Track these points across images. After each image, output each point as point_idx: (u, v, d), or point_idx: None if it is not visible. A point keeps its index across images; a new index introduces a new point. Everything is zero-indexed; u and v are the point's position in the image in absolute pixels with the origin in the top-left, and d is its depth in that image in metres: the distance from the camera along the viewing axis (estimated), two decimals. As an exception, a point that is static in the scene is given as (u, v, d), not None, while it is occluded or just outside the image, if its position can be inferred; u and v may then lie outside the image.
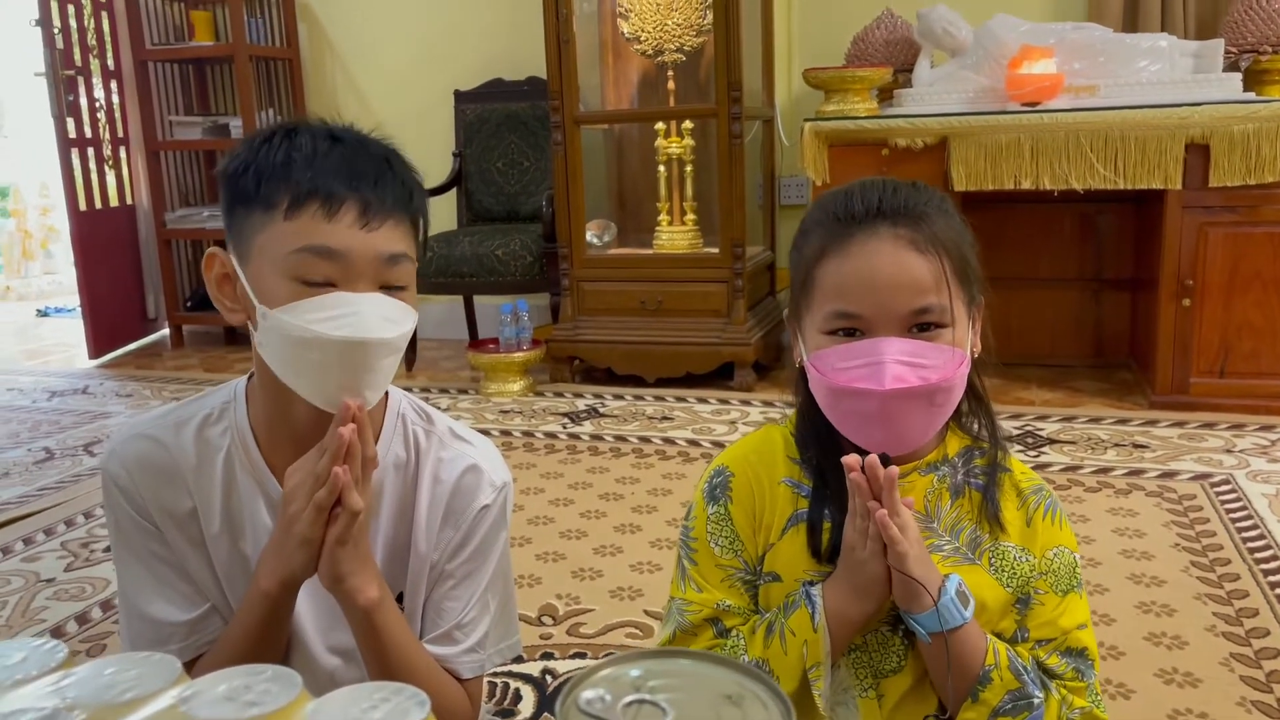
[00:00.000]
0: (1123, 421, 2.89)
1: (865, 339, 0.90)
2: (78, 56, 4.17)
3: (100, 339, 4.23)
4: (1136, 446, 2.68)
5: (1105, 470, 2.52)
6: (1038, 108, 2.94)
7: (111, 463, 1.00)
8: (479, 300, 4.07)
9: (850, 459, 0.89)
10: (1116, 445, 2.69)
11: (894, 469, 0.88)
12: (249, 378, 1.03)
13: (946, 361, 0.90)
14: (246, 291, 0.93)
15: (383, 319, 0.91)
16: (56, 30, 4.02)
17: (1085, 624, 0.98)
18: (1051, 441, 2.74)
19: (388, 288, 0.93)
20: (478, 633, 1.05)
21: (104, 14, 4.28)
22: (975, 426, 1.02)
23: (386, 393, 1.05)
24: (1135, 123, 2.84)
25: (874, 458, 0.88)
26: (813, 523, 0.97)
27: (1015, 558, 0.97)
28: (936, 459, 0.99)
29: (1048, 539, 0.98)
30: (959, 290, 0.92)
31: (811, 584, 0.95)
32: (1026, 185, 2.94)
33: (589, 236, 3.64)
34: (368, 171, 0.92)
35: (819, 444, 0.99)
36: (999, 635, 0.96)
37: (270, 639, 0.96)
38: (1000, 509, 0.98)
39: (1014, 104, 2.98)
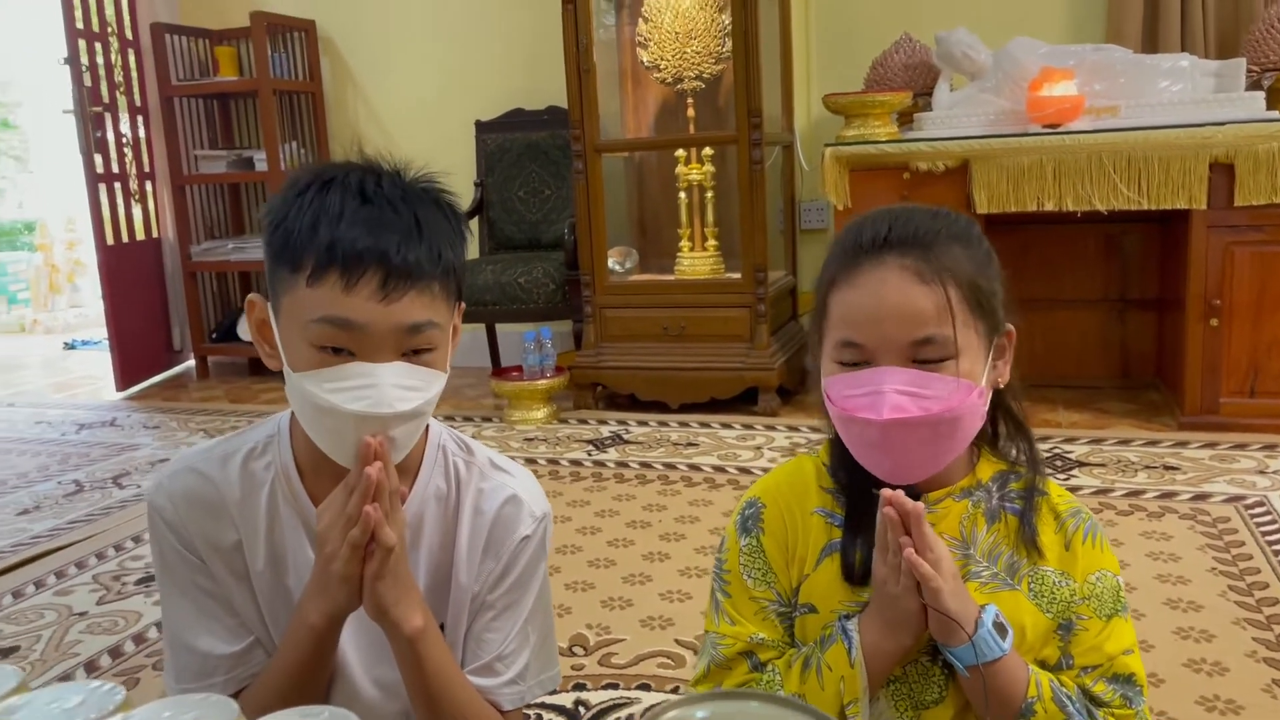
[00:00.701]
0: (1153, 443, 2.87)
1: (869, 369, 0.91)
2: (105, 93, 4.23)
3: (127, 371, 4.27)
4: (1168, 468, 2.65)
5: (1137, 493, 2.49)
6: (1059, 129, 2.94)
7: (158, 496, 1.01)
8: (501, 328, 4.09)
9: (887, 492, 0.89)
10: (1147, 467, 2.67)
11: (919, 504, 0.88)
12: (293, 412, 1.04)
13: (951, 392, 0.89)
14: (278, 344, 0.95)
15: (402, 390, 0.90)
16: (85, 68, 4.09)
17: (1131, 649, 0.97)
18: (1081, 464, 2.72)
19: (412, 353, 0.92)
20: (518, 664, 1.05)
21: (130, 51, 4.35)
22: (1013, 451, 1.02)
23: (428, 426, 1.06)
24: (1158, 143, 2.83)
25: (899, 493, 0.88)
26: (845, 550, 0.97)
27: (1055, 582, 0.96)
28: (970, 485, 0.99)
29: (1089, 563, 0.97)
30: (970, 320, 0.91)
31: (848, 617, 0.94)
32: (1049, 207, 2.93)
33: (611, 263, 3.65)
34: (392, 236, 0.89)
35: (849, 472, 0.99)
36: (1043, 663, 0.95)
37: (315, 673, 0.97)
38: (1037, 533, 0.97)
39: (1035, 126, 2.98)
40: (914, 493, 0.93)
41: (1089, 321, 3.50)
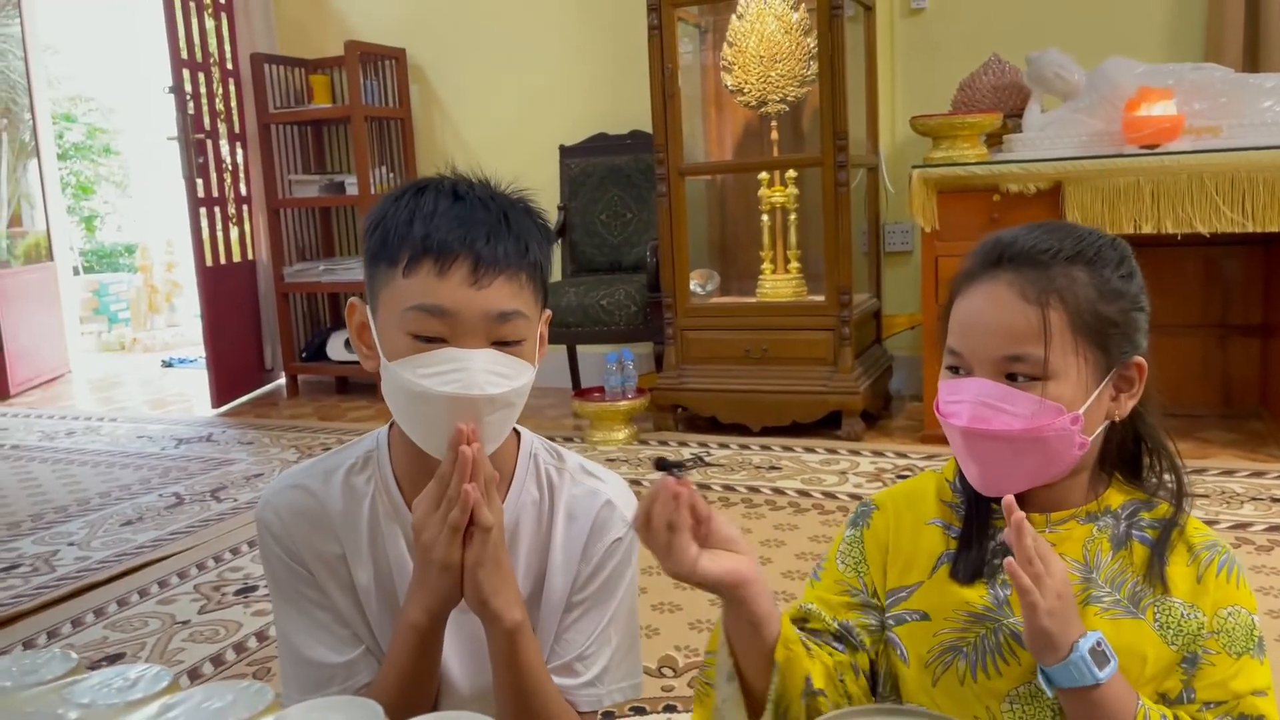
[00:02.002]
0: (1258, 474, 2.76)
1: (965, 378, 0.93)
2: (207, 121, 4.41)
3: (222, 388, 4.41)
4: (1275, 500, 2.55)
5: (1243, 525, 2.40)
6: (1157, 150, 2.87)
7: (266, 512, 1.04)
8: (583, 349, 4.12)
9: (1008, 498, 0.88)
10: (1254, 499, 2.57)
11: (1022, 515, 0.86)
12: (390, 425, 1.07)
13: (1033, 412, 0.88)
14: (375, 342, 0.98)
15: (491, 375, 0.93)
16: (188, 96, 4.27)
17: (1264, 691, 0.93)
18: (1183, 495, 2.62)
19: (501, 343, 0.95)
20: (597, 666, 1.05)
21: (231, 80, 4.53)
22: (1154, 482, 0.99)
23: (519, 434, 1.08)
24: (1263, 164, 2.74)
25: (1010, 498, 0.87)
26: (954, 561, 0.98)
27: (1182, 614, 0.93)
28: (1095, 509, 0.97)
29: (1221, 597, 0.94)
30: (1076, 345, 0.90)
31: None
32: (1147, 229, 2.86)
33: (692, 285, 3.66)
34: (481, 227, 0.94)
35: (969, 487, 0.99)
36: (1164, 695, 0.92)
37: (423, 677, 0.98)
38: (1167, 565, 0.94)
39: (1131, 147, 2.91)
40: (1034, 510, 0.92)
41: (1188, 348, 3.39)
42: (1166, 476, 0.99)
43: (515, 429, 1.07)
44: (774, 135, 3.58)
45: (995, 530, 0.97)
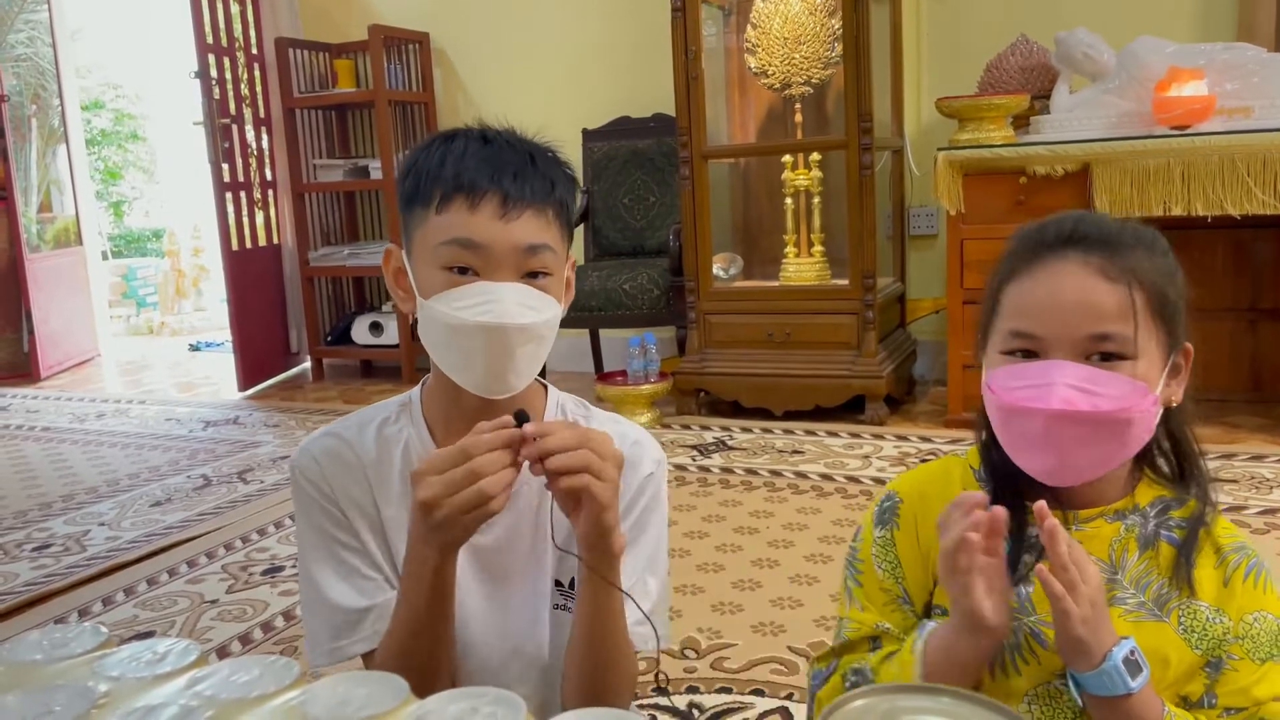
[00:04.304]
0: (1288, 459, 2.73)
1: (1039, 362, 0.88)
2: (232, 105, 4.43)
3: (249, 372, 4.45)
4: (1305, 486, 2.52)
5: (1272, 511, 2.37)
6: (1188, 131, 2.83)
7: (302, 458, 1.06)
8: (605, 333, 4.12)
9: (1040, 504, 0.85)
10: (1283, 485, 2.54)
11: (1052, 520, 0.84)
12: (423, 382, 1.11)
13: (1124, 394, 0.86)
14: (411, 283, 1.02)
15: (522, 306, 0.97)
16: (214, 81, 4.29)
17: None
18: (1211, 480, 2.59)
19: (530, 276, 0.99)
20: (646, 605, 1.03)
21: (256, 65, 4.55)
22: (1181, 478, 0.97)
23: (546, 387, 1.12)
24: (1297, 144, 2.69)
25: (1041, 504, 0.85)
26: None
27: (1208, 618, 0.91)
28: (1125, 507, 0.94)
29: (1248, 602, 0.92)
30: (1152, 327, 0.88)
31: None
32: (1177, 211, 2.82)
33: (715, 269, 3.65)
34: (509, 166, 0.99)
35: (997, 478, 0.96)
36: (1185, 699, 0.90)
37: (435, 621, 0.96)
38: (1194, 567, 0.92)
39: (1162, 128, 2.87)
40: (1063, 507, 0.90)
41: (1217, 332, 3.35)
42: (1194, 472, 0.96)
43: (543, 383, 1.10)
44: (798, 118, 3.56)
45: (1021, 528, 0.93)
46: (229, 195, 4.39)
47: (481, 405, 1.00)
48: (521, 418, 0.90)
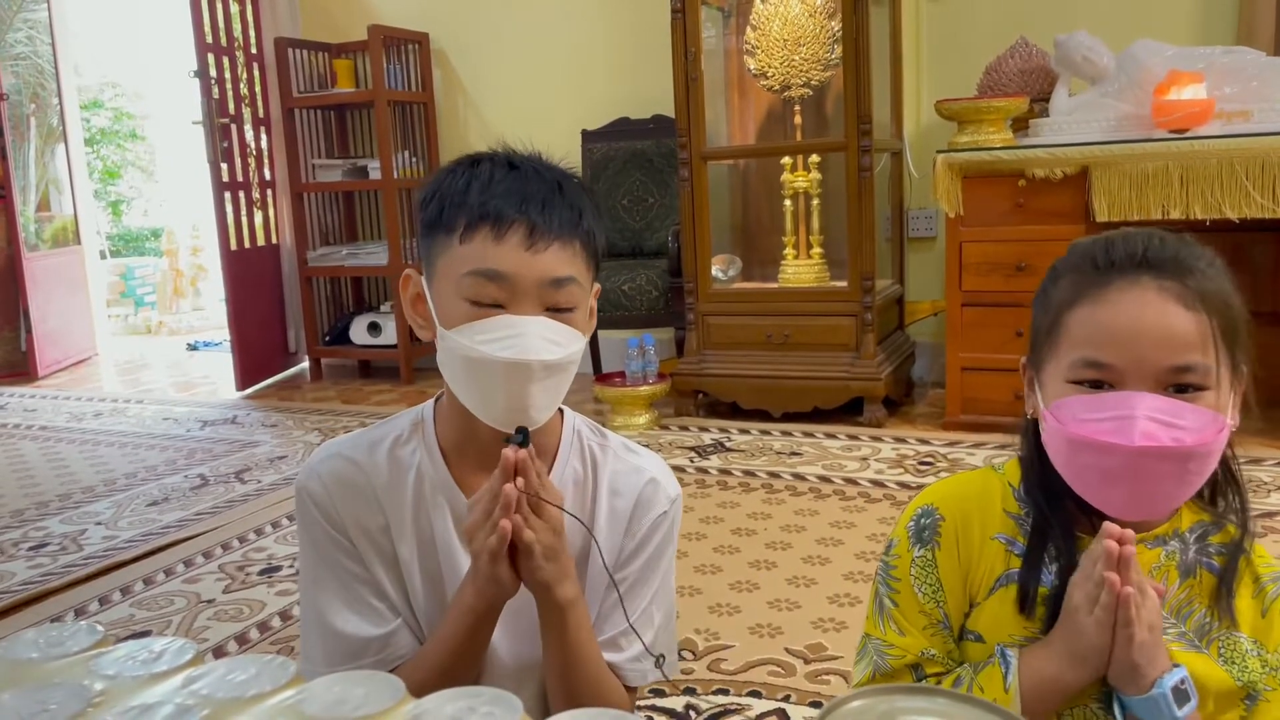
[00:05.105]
0: (1286, 463, 2.73)
1: (1115, 392, 0.85)
2: (231, 105, 4.43)
3: (247, 371, 4.45)
4: (1303, 490, 2.52)
5: (1270, 514, 2.37)
6: (1187, 134, 2.83)
7: (310, 481, 1.04)
8: (604, 334, 4.12)
9: (1111, 527, 0.83)
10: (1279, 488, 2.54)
11: (1130, 548, 0.82)
12: (437, 399, 1.08)
13: (1205, 426, 0.83)
14: (431, 311, 0.99)
15: (546, 341, 0.95)
16: (213, 81, 4.29)
17: None
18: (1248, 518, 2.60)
19: (555, 310, 0.96)
20: (644, 641, 1.05)
21: (255, 65, 4.55)
22: (1220, 503, 0.95)
23: (562, 412, 1.09)
24: (1296, 148, 2.70)
25: (1117, 529, 0.83)
26: (1024, 582, 0.92)
27: (1248, 650, 0.89)
28: (1166, 532, 0.92)
29: None
30: (1225, 354, 0.85)
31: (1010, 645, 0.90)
32: (1176, 215, 2.82)
33: (714, 271, 3.65)
34: (536, 196, 0.96)
35: (1045, 501, 0.93)
36: None
37: (473, 652, 0.98)
38: (1235, 596, 0.90)
39: (1161, 131, 2.88)
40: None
41: (1215, 335, 3.34)
42: (1233, 496, 0.94)
43: (560, 408, 1.08)
44: (797, 120, 3.56)
45: (1070, 551, 0.91)
46: (228, 195, 4.38)
47: (497, 434, 0.98)
48: (521, 435, 0.90)
